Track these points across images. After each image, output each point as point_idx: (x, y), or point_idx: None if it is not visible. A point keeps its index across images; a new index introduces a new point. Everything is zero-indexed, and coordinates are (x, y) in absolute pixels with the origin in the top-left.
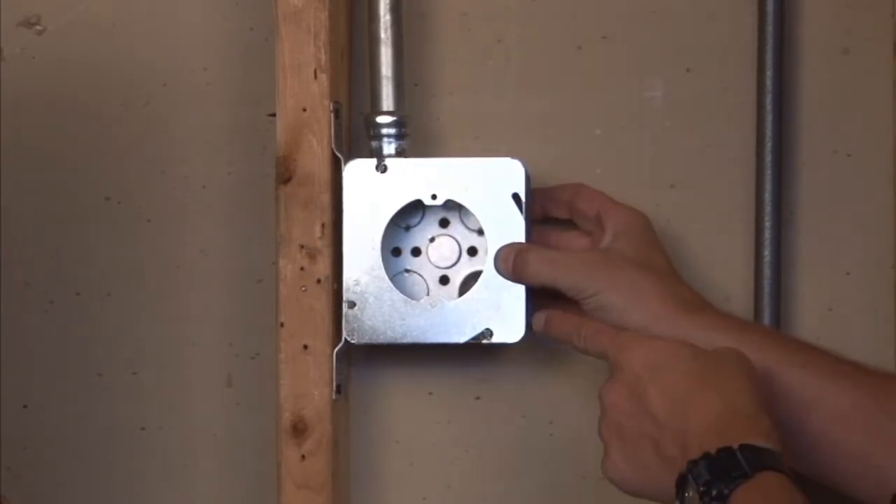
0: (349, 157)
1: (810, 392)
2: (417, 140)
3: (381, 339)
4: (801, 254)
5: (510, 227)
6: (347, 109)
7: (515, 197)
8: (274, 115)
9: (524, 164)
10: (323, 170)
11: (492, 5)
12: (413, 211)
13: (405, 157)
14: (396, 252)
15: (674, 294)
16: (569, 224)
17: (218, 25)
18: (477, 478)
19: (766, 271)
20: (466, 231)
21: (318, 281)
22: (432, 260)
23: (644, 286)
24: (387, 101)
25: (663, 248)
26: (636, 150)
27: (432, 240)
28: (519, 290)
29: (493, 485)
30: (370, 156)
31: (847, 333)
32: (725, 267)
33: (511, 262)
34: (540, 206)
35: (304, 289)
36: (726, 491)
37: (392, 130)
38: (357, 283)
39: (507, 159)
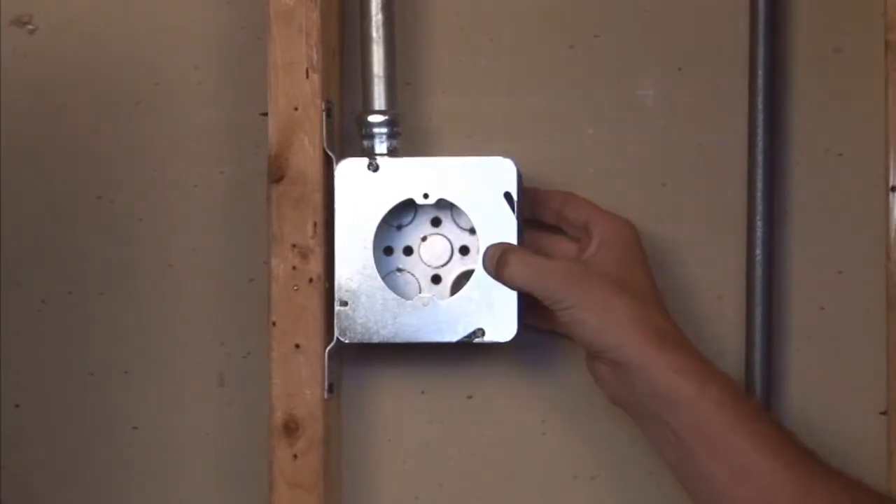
0: (341, 157)
1: (747, 462)
2: (409, 139)
3: (374, 338)
4: (792, 252)
5: (502, 226)
6: (339, 108)
7: (507, 196)
8: (266, 114)
9: (516, 164)
10: (315, 169)
11: (484, 5)
12: (405, 210)
13: (397, 156)
14: (388, 251)
15: (648, 322)
16: (556, 229)
17: (210, 24)
18: (469, 477)
19: (758, 270)
20: (458, 230)
21: (310, 280)
22: (424, 259)
23: (620, 309)
24: (379, 100)
25: (648, 264)
26: (628, 149)
27: (424, 239)
28: (511, 290)
29: (485, 484)
30: (362, 155)
31: (838, 332)
32: (717, 266)
33: (495, 262)
34: (529, 210)
35: (295, 288)
36: None
37: (384, 129)
38: (349, 282)
39: (499, 158)
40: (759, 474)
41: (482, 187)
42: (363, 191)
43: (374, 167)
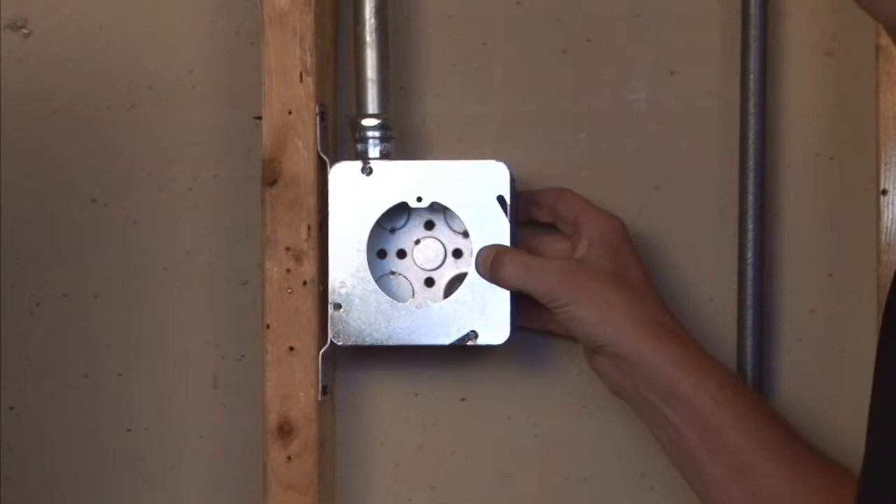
0: (335, 160)
1: (745, 461)
2: (403, 143)
3: (367, 341)
4: (784, 255)
5: (495, 230)
6: (333, 112)
7: (500, 199)
8: (260, 117)
9: (509, 167)
10: (308, 172)
11: (477, 8)
12: (398, 213)
13: (390, 159)
14: (382, 254)
15: (645, 315)
16: (552, 227)
17: (204, 28)
18: (462, 479)
19: (750, 273)
20: (451, 233)
21: (304, 283)
22: (417, 262)
23: (617, 303)
24: (372, 104)
25: (640, 258)
26: (620, 153)
27: (417, 242)
28: (504, 292)
29: (479, 486)
30: (355, 158)
31: (830, 335)
32: (709, 268)
33: (489, 264)
34: (524, 210)
35: (289, 291)
36: None
37: (377, 133)
38: (343, 284)
39: (492, 162)
40: (753, 475)
41: (475, 191)
42: (357, 194)
43: (367, 170)
